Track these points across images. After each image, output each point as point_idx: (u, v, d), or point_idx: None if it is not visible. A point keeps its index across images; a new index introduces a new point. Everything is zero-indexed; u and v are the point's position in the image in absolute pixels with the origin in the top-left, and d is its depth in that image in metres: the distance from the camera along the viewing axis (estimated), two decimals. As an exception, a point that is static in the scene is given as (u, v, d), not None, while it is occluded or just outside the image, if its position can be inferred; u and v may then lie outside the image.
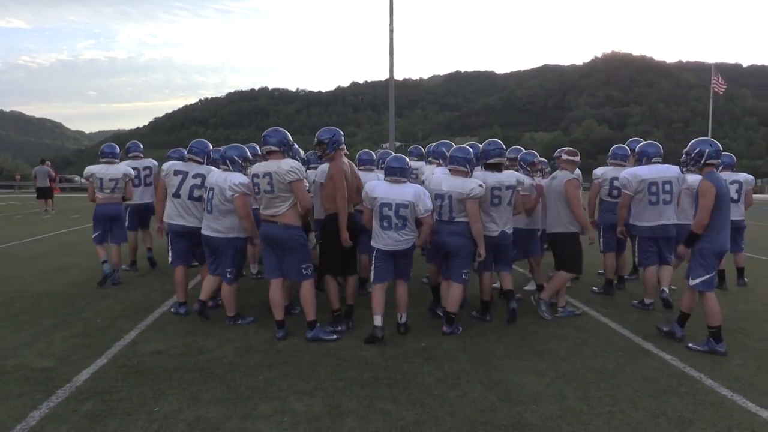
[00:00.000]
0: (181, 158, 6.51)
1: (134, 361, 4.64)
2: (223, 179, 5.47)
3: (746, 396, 4.04)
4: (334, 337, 5.28)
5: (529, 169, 6.47)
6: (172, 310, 6.21)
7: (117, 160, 7.73)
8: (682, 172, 5.74)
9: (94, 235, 7.54)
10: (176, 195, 5.97)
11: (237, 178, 5.44)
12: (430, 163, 6.93)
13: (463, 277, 5.45)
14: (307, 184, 5.41)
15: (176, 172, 5.99)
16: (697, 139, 5.24)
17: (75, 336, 5.32)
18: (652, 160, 6.40)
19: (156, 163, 8.55)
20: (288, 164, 5.08)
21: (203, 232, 5.66)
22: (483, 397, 3.98)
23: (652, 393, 4.09)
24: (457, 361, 4.71)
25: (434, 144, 6.95)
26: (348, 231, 5.41)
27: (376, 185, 5.37)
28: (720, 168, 8.05)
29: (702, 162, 5.07)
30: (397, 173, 5.31)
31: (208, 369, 4.48)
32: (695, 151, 5.11)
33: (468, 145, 5.82)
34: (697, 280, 5.04)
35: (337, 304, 5.54)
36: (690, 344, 5.10)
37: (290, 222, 5.17)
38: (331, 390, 4.09)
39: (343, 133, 5.67)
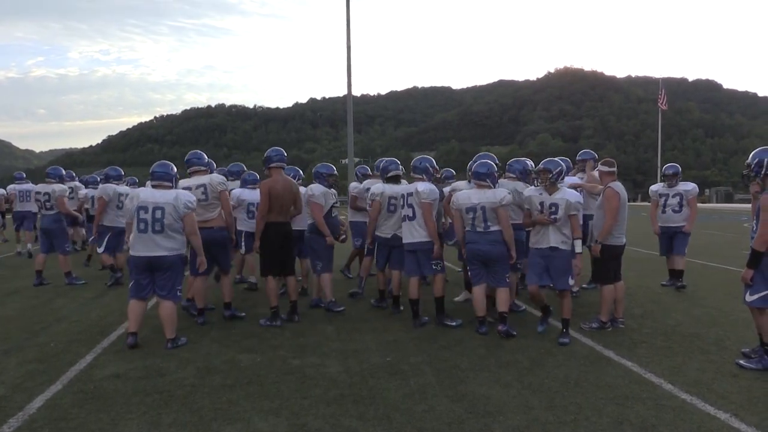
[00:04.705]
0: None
1: (91, 386, 4.48)
2: (174, 197, 5.41)
3: (705, 399, 4.14)
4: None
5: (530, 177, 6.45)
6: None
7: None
8: (747, 184, 5.27)
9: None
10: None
11: (189, 196, 5.60)
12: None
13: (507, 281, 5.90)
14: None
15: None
16: (758, 149, 4.88)
17: (29, 362, 5.12)
18: None
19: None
20: (218, 178, 6.46)
21: (150, 254, 5.32)
22: (450, 411, 3.98)
23: (615, 400, 4.15)
24: (422, 375, 4.70)
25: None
26: (290, 236, 6.45)
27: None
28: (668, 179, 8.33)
29: (762, 172, 4.74)
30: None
31: (169, 391, 4.36)
32: (755, 162, 4.78)
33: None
34: (756, 296, 4.73)
35: (276, 302, 6.32)
36: (741, 361, 4.88)
37: (222, 224, 6.40)
38: (297, 408, 4.03)
39: (277, 152, 6.43)
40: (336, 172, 7.34)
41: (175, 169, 5.77)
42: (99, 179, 10.99)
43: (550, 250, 5.65)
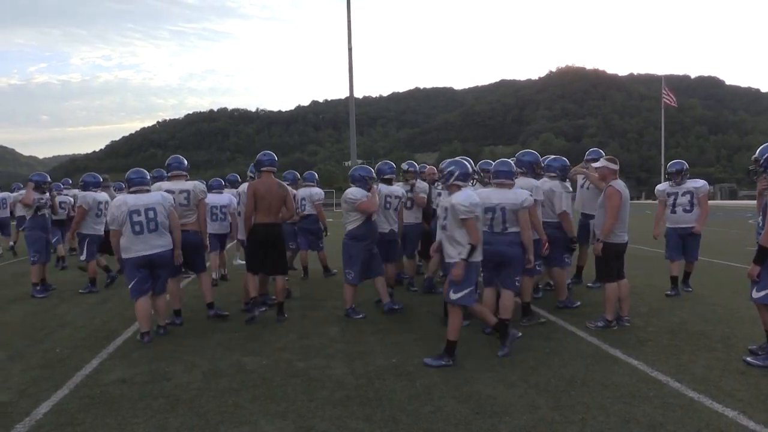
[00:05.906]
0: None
1: (97, 391, 4.48)
2: (161, 197, 6.02)
3: (712, 397, 4.12)
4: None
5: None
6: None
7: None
8: (754, 180, 5.19)
9: None
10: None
11: (169, 196, 6.19)
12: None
13: (516, 284, 5.77)
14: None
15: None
16: (766, 144, 4.88)
17: (33, 368, 5.12)
18: None
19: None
20: (200, 186, 6.78)
21: (149, 252, 5.84)
22: (456, 411, 3.97)
23: (622, 398, 4.14)
24: (428, 376, 4.69)
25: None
26: (277, 237, 6.63)
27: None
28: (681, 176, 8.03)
29: None
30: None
31: (175, 395, 4.36)
32: (764, 157, 4.80)
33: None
34: (763, 293, 4.71)
35: (254, 293, 6.66)
36: (748, 358, 4.87)
37: (197, 229, 6.63)
38: (303, 411, 4.03)
39: (268, 157, 6.74)
40: (374, 174, 7.01)
41: (149, 175, 6.30)
42: (62, 186, 12.25)
43: (449, 265, 5.05)
